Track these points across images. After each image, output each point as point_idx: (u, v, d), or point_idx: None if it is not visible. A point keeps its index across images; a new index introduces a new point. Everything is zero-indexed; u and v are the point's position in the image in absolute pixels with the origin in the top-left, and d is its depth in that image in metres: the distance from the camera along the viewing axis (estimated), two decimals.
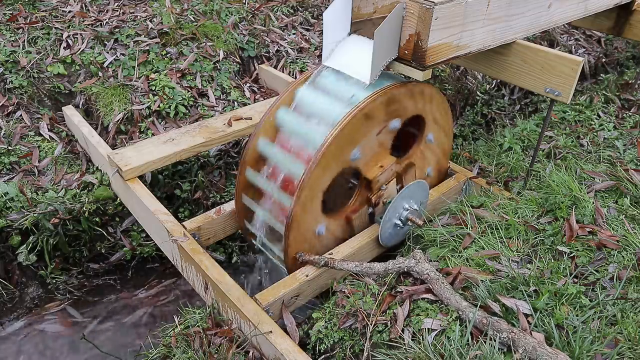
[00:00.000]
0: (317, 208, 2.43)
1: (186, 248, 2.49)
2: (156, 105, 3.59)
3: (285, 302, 2.33)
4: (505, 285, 2.07)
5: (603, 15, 3.69)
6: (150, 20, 4.16)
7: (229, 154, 3.62)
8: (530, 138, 3.67)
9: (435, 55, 2.20)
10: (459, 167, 3.21)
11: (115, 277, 3.32)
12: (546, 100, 4.86)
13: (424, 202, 2.79)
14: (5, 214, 2.90)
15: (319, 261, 2.40)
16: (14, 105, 3.53)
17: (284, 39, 4.51)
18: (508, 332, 1.80)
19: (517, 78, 2.71)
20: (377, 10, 2.60)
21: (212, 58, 4.04)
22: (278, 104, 2.59)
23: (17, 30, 3.82)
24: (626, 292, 2.01)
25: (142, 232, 3.24)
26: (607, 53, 5.71)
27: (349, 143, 2.36)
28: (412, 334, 1.97)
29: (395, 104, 2.45)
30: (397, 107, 2.47)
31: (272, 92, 4.07)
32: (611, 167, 2.94)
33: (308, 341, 2.25)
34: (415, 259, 2.20)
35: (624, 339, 1.83)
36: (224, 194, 3.48)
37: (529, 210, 2.55)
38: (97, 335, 2.96)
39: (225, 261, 3.41)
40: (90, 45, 3.89)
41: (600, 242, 2.23)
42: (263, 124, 2.59)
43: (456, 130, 4.38)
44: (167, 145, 3.02)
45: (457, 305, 1.97)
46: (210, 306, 2.42)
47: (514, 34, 2.56)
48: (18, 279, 3.11)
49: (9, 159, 3.21)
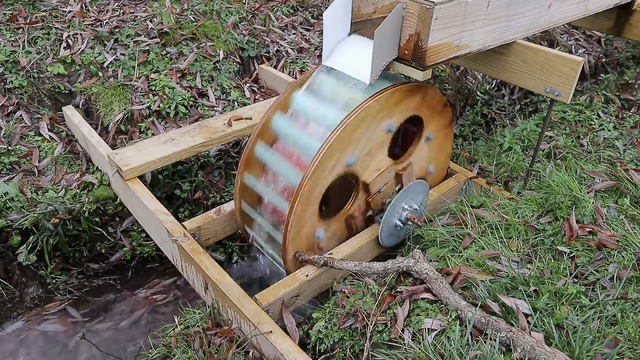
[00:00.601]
0: (314, 215, 2.44)
1: (186, 248, 2.49)
2: (156, 105, 3.59)
3: (285, 302, 2.33)
4: (505, 285, 2.07)
5: (603, 15, 3.69)
6: (150, 20, 4.16)
7: (229, 154, 3.62)
8: (530, 138, 3.67)
9: (435, 55, 2.20)
10: (459, 167, 3.21)
11: (115, 277, 3.32)
12: (546, 100, 4.86)
13: (424, 201, 2.79)
14: (5, 214, 2.90)
15: (319, 260, 2.40)
16: (14, 105, 3.53)
17: (284, 39, 4.51)
18: (507, 332, 1.80)
19: (517, 78, 2.71)
20: (377, 10, 2.60)
21: (212, 58, 4.04)
22: (273, 108, 2.59)
23: (17, 30, 3.82)
24: (626, 292, 2.01)
25: (142, 232, 3.24)
26: (607, 53, 5.71)
27: (342, 151, 2.34)
28: (412, 334, 1.97)
29: (391, 107, 2.44)
30: (390, 111, 2.45)
31: (272, 92, 4.07)
32: (611, 167, 2.94)
33: (308, 341, 2.25)
34: (415, 259, 2.20)
35: (624, 339, 1.83)
36: (224, 194, 3.48)
37: (529, 210, 2.55)
38: (97, 335, 2.96)
39: (225, 261, 3.41)
40: (90, 45, 3.89)
41: (600, 242, 2.23)
42: (259, 129, 2.59)
43: (456, 130, 4.38)
44: (167, 145, 3.02)
45: (456, 305, 1.97)
46: (210, 306, 2.42)
47: (514, 34, 2.56)
48: (18, 279, 3.11)
49: (9, 159, 3.21)
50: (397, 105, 2.46)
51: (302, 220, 2.39)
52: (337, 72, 2.47)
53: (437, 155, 2.95)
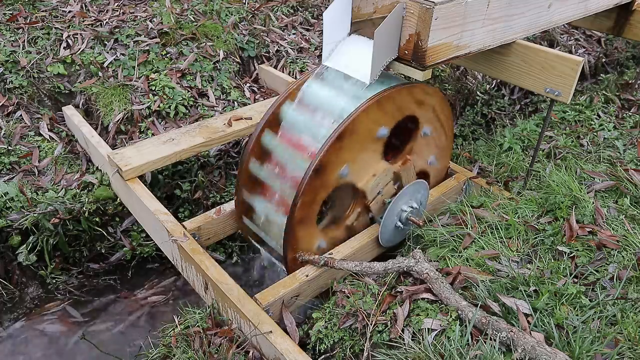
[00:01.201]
0: (312, 226, 2.45)
1: (186, 248, 2.49)
2: (156, 105, 3.59)
3: (285, 302, 2.33)
4: (505, 285, 2.07)
5: (603, 15, 3.69)
6: (150, 20, 4.16)
7: (229, 154, 3.62)
8: (530, 138, 3.67)
9: (435, 55, 2.20)
10: (459, 167, 3.21)
11: (115, 277, 3.32)
12: (546, 100, 4.87)
13: (424, 201, 2.79)
14: (5, 214, 2.90)
15: (319, 261, 2.40)
16: (14, 105, 3.53)
17: (284, 39, 4.51)
18: (507, 332, 1.80)
19: (517, 78, 2.70)
20: (377, 10, 2.60)
21: (212, 58, 4.04)
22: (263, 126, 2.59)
23: (17, 30, 3.82)
24: (626, 292, 2.01)
25: (142, 232, 3.24)
26: (607, 53, 5.71)
27: (334, 165, 2.34)
28: (412, 334, 1.97)
29: (383, 112, 2.42)
30: (381, 116, 2.43)
31: (272, 92, 4.07)
32: (611, 167, 2.94)
33: (308, 341, 2.25)
34: (415, 259, 2.20)
35: (624, 339, 1.83)
36: (224, 194, 3.48)
37: (529, 210, 2.55)
38: (97, 335, 2.96)
39: (225, 261, 3.41)
40: (90, 45, 3.89)
41: (600, 242, 2.23)
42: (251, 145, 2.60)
43: (456, 130, 4.38)
44: (167, 145, 3.02)
45: (456, 305, 1.97)
46: (210, 306, 2.42)
47: (514, 34, 2.56)
48: (18, 279, 3.11)
49: (9, 159, 3.21)
50: (387, 110, 2.43)
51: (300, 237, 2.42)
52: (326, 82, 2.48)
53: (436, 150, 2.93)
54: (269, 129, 2.59)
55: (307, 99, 2.55)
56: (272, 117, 2.59)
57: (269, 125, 2.59)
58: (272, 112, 2.58)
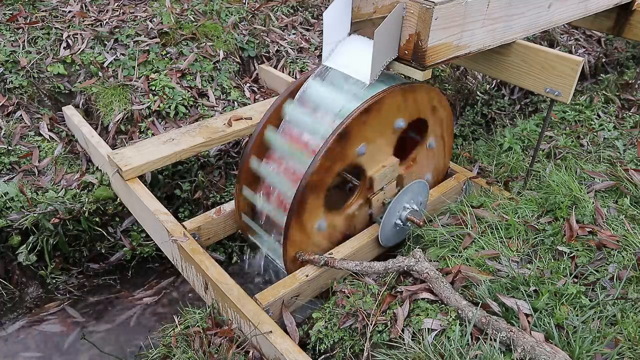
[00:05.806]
0: (320, 198, 2.43)
1: (186, 248, 2.49)
2: (156, 105, 3.59)
3: (285, 302, 2.33)
4: (505, 285, 2.07)
5: (603, 15, 3.69)
6: (150, 20, 4.16)
7: (229, 154, 3.62)
8: (530, 138, 3.67)
9: (435, 55, 2.20)
10: (459, 167, 3.21)
11: (115, 277, 3.32)
12: (546, 100, 4.87)
13: (424, 202, 2.79)
14: (5, 214, 2.90)
15: (319, 260, 2.40)
16: (14, 105, 3.53)
17: (284, 39, 4.51)
18: (507, 332, 1.80)
19: (517, 78, 2.71)
20: (377, 10, 2.60)
21: (212, 58, 4.04)
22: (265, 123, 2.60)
23: (17, 30, 3.82)
24: (626, 292, 2.01)
25: (142, 232, 3.24)
26: (607, 53, 5.71)
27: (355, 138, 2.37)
28: (412, 334, 1.97)
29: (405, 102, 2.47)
30: (403, 106, 2.48)
31: (272, 92, 4.07)
32: (611, 167, 2.94)
33: (308, 341, 2.25)
34: (415, 258, 2.20)
35: (624, 339, 1.83)
36: (224, 194, 3.48)
37: (529, 210, 2.55)
38: (97, 335, 2.96)
39: (225, 261, 3.41)
40: (90, 45, 3.89)
41: (600, 242, 2.23)
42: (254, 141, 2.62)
43: (456, 130, 4.38)
44: (167, 145, 3.02)
45: (456, 304, 1.97)
46: (210, 306, 2.42)
47: (514, 34, 2.56)
48: (18, 279, 3.11)
49: (9, 159, 3.21)
50: (409, 102, 2.50)
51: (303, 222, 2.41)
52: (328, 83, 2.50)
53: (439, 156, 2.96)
54: (270, 126, 2.61)
55: (308, 98, 2.56)
56: (273, 115, 2.61)
57: (271, 123, 2.61)
58: (274, 110, 2.60)
